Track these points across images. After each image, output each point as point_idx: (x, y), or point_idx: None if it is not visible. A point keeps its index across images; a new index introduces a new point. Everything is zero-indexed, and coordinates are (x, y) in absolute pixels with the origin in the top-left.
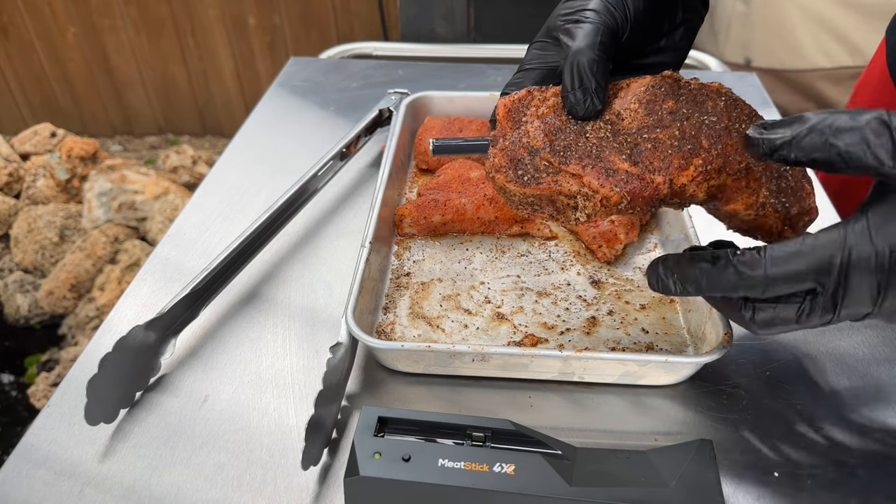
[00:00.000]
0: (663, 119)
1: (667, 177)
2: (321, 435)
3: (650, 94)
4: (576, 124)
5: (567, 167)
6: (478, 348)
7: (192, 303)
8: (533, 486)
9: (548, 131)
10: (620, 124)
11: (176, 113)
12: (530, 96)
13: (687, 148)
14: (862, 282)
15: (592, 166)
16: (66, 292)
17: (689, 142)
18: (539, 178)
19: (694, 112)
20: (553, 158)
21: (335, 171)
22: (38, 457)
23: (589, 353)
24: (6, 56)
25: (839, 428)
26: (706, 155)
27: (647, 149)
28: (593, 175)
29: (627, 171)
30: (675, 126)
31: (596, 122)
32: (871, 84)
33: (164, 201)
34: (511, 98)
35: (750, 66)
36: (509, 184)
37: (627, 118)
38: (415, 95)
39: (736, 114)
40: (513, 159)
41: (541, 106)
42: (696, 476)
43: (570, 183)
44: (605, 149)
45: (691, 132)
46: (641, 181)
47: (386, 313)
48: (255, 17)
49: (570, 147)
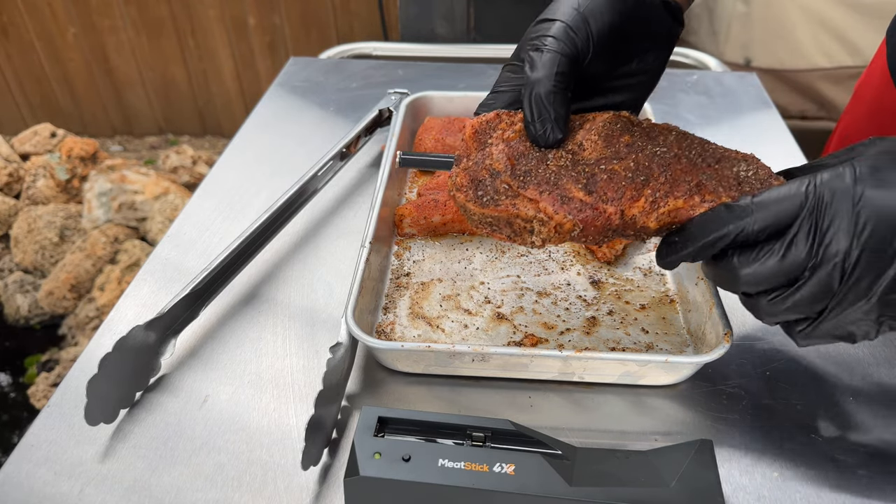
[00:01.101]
0: (620, 151)
1: (618, 207)
2: (321, 435)
3: (608, 128)
4: (539, 151)
5: (525, 192)
6: (478, 348)
7: (192, 303)
8: (533, 487)
9: (510, 155)
10: (581, 154)
11: (176, 113)
12: (498, 119)
13: (640, 179)
14: (838, 214)
15: (549, 193)
16: (66, 292)
17: (642, 173)
18: (498, 199)
19: (647, 145)
20: (513, 182)
21: (335, 171)
22: (38, 457)
23: (589, 353)
24: (6, 56)
25: (839, 428)
26: (655, 183)
27: (602, 179)
28: (549, 201)
29: (582, 199)
30: (631, 158)
31: (558, 150)
32: (872, 85)
33: (164, 201)
34: (479, 119)
35: (750, 66)
36: (469, 203)
37: (588, 149)
38: (415, 95)
39: (686, 144)
40: (474, 179)
41: (507, 129)
42: (696, 476)
43: (527, 207)
44: (563, 177)
45: (645, 163)
46: (594, 210)
47: (386, 313)
48: (255, 17)
49: (531, 172)
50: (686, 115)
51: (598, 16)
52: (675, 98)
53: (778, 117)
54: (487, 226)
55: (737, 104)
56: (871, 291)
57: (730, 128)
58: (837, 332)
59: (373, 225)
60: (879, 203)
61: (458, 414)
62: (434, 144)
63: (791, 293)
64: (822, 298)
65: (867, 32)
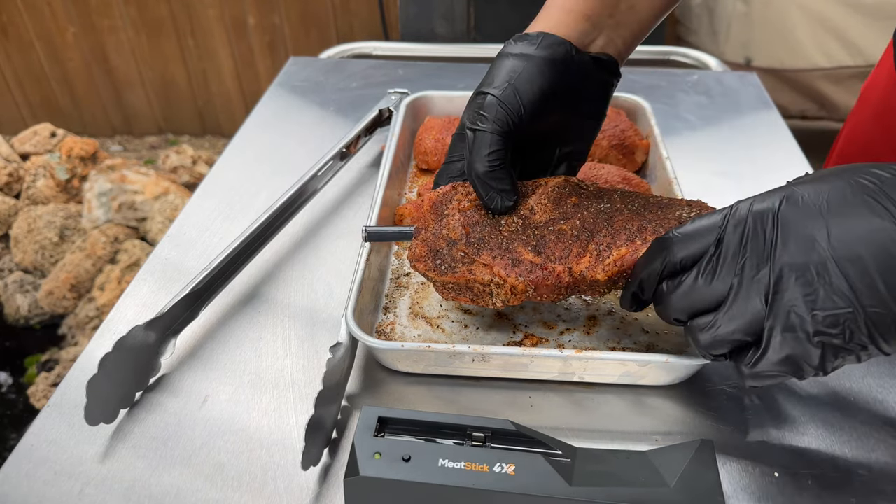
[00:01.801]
0: (567, 212)
1: (566, 265)
2: (321, 435)
3: (557, 192)
4: (492, 218)
5: (480, 258)
6: (478, 348)
7: (191, 303)
8: (533, 487)
9: (465, 224)
10: (532, 218)
11: (176, 113)
12: (454, 191)
13: (585, 236)
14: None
15: (501, 257)
16: (65, 292)
17: (587, 230)
18: (455, 267)
19: (593, 203)
20: (468, 249)
21: (335, 171)
22: (38, 457)
23: (589, 353)
24: (6, 56)
25: (839, 428)
26: (598, 237)
27: (550, 240)
28: (501, 265)
29: (531, 261)
30: (577, 217)
31: (510, 216)
32: (879, 87)
33: (164, 201)
34: (437, 193)
35: (750, 65)
36: (428, 272)
37: (539, 212)
38: (415, 95)
39: (630, 199)
40: (432, 249)
41: (463, 199)
42: (697, 476)
43: (482, 272)
44: (514, 241)
45: (590, 220)
46: (543, 270)
47: (386, 313)
48: (255, 17)
49: (485, 239)
50: (686, 115)
51: (527, 85)
52: (675, 98)
53: (778, 117)
54: (451, 291)
55: (737, 104)
56: (792, 305)
57: (730, 128)
58: (783, 364)
59: (373, 225)
60: (792, 218)
61: (458, 414)
62: (434, 144)
63: (717, 317)
64: (751, 321)
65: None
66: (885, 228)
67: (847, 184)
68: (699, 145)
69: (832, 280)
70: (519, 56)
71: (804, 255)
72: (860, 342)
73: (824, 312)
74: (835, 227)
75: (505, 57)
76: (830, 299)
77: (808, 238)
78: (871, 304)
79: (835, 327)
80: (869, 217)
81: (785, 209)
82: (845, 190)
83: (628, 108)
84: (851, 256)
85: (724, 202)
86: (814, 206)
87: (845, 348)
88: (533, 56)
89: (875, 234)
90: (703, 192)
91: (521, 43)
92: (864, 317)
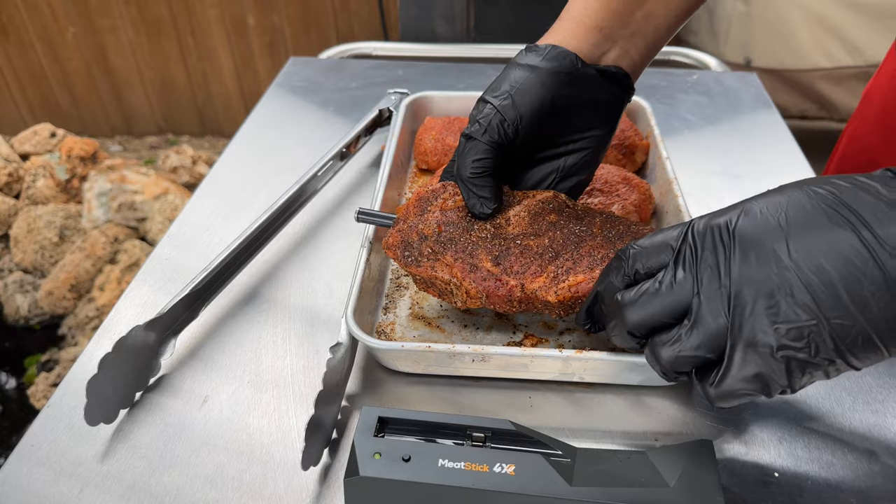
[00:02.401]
0: (541, 229)
1: (520, 281)
2: (321, 435)
3: (540, 206)
4: (467, 221)
5: (444, 257)
6: (478, 349)
7: (191, 303)
8: (533, 487)
9: (441, 222)
10: (506, 229)
11: (175, 113)
12: (443, 189)
13: (548, 256)
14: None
15: (462, 260)
16: (65, 292)
17: (553, 250)
18: (420, 261)
19: (570, 224)
20: (436, 247)
21: (335, 171)
22: (38, 457)
23: (589, 354)
24: (6, 56)
25: (840, 428)
26: (560, 260)
27: (514, 253)
28: (459, 268)
29: (489, 270)
30: (548, 235)
31: (484, 223)
32: (882, 89)
33: (164, 201)
34: (425, 188)
35: (750, 66)
36: (398, 261)
37: (514, 224)
38: (414, 95)
39: (609, 225)
40: (404, 240)
41: (448, 199)
42: (697, 476)
43: (443, 271)
44: (479, 247)
45: (560, 241)
46: (497, 281)
47: (386, 314)
48: (255, 17)
49: (453, 240)
50: (686, 115)
51: (527, 96)
52: (675, 98)
53: (778, 117)
54: (423, 283)
55: (737, 104)
56: (750, 317)
57: (730, 128)
58: (748, 381)
59: (373, 225)
60: (750, 232)
61: (458, 414)
62: (434, 144)
63: (681, 331)
64: (714, 336)
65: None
66: (846, 239)
67: (805, 195)
68: (699, 145)
69: (794, 292)
70: (524, 66)
71: (764, 267)
72: (826, 356)
73: (787, 325)
74: (795, 239)
75: (512, 66)
76: (793, 311)
77: (767, 251)
78: (835, 315)
79: (799, 340)
80: (829, 228)
81: (743, 223)
82: (804, 201)
83: (628, 108)
84: (813, 268)
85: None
86: (772, 219)
87: (811, 363)
88: (537, 67)
89: (837, 245)
90: (702, 191)
91: (530, 54)
92: (828, 329)
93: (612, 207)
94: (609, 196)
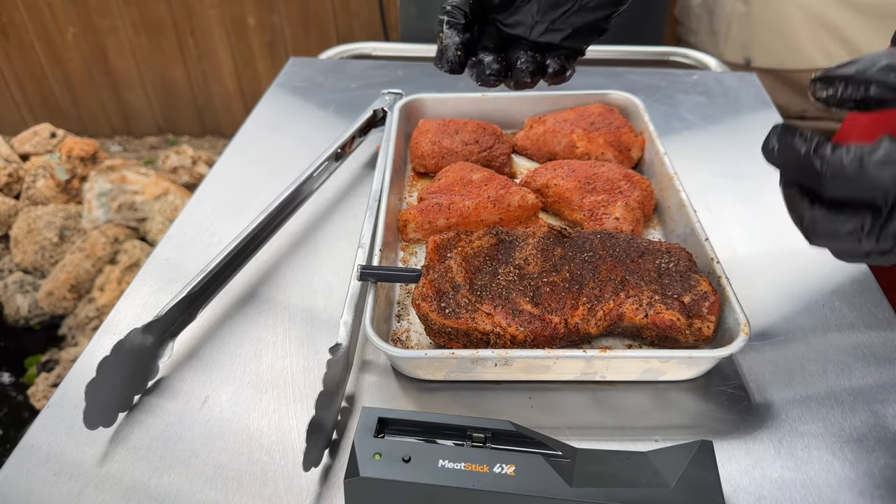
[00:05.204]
0: (556, 264)
1: (562, 317)
2: (321, 436)
3: (543, 243)
4: (491, 266)
5: (482, 306)
6: (502, 352)
7: (188, 306)
8: (533, 487)
9: (468, 270)
10: (526, 269)
11: (175, 113)
12: (458, 238)
13: (575, 288)
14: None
15: (502, 307)
16: (65, 293)
17: (576, 281)
18: (459, 313)
19: (577, 253)
20: (471, 296)
21: (331, 171)
22: (38, 457)
23: (612, 353)
24: (5, 56)
25: (840, 428)
26: (587, 289)
27: (545, 292)
28: (502, 315)
29: (530, 312)
30: (566, 269)
31: (507, 265)
32: None
33: (164, 202)
34: (441, 237)
35: (750, 66)
36: (432, 313)
37: (532, 263)
38: (407, 98)
39: (610, 243)
40: (438, 291)
41: (466, 247)
42: (697, 477)
43: (484, 321)
44: (512, 291)
45: (577, 271)
46: (542, 321)
47: (400, 321)
48: (255, 17)
49: (486, 287)
50: (686, 115)
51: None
52: (674, 98)
53: (778, 117)
54: (445, 335)
55: (737, 104)
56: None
57: (730, 128)
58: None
59: (380, 232)
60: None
61: (458, 415)
62: (431, 147)
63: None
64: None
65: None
66: None
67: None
68: (699, 145)
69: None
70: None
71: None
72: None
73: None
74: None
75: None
76: None
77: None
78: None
79: None
80: None
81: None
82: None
83: (621, 105)
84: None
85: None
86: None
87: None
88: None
89: None
90: (702, 191)
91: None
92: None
93: (615, 205)
94: (611, 194)
